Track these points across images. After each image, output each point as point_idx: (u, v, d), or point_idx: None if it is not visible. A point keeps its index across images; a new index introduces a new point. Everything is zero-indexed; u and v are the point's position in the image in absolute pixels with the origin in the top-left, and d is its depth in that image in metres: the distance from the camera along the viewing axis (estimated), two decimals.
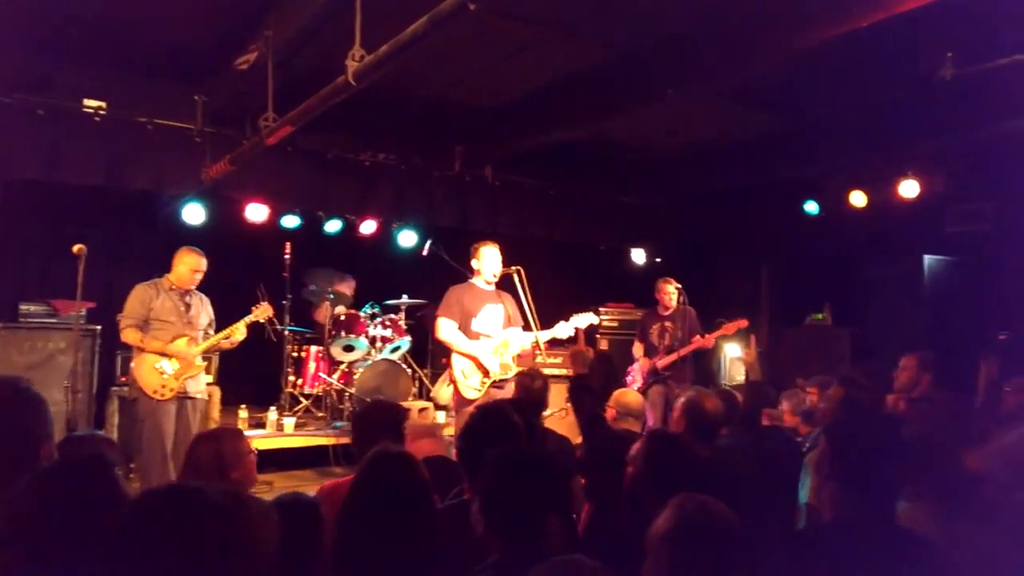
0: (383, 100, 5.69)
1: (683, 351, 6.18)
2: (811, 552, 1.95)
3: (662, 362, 6.27)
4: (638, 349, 6.57)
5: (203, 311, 5.03)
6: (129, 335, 4.73)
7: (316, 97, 3.87)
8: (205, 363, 5.02)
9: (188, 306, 4.92)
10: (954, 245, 6.73)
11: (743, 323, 6.33)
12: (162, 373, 4.71)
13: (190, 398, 4.85)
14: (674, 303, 6.34)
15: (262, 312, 5.23)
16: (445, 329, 4.90)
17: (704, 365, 7.96)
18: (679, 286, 6.42)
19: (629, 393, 4.36)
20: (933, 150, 6.30)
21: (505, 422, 2.64)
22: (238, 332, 4.97)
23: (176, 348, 4.75)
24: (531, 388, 3.92)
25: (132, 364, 4.80)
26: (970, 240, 6.61)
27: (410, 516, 1.81)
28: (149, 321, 4.75)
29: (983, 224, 6.54)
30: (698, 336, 6.19)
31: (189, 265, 4.86)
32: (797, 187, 7.36)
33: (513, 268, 4.94)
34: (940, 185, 6.59)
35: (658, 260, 8.29)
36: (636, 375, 6.50)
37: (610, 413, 4.06)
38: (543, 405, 3.99)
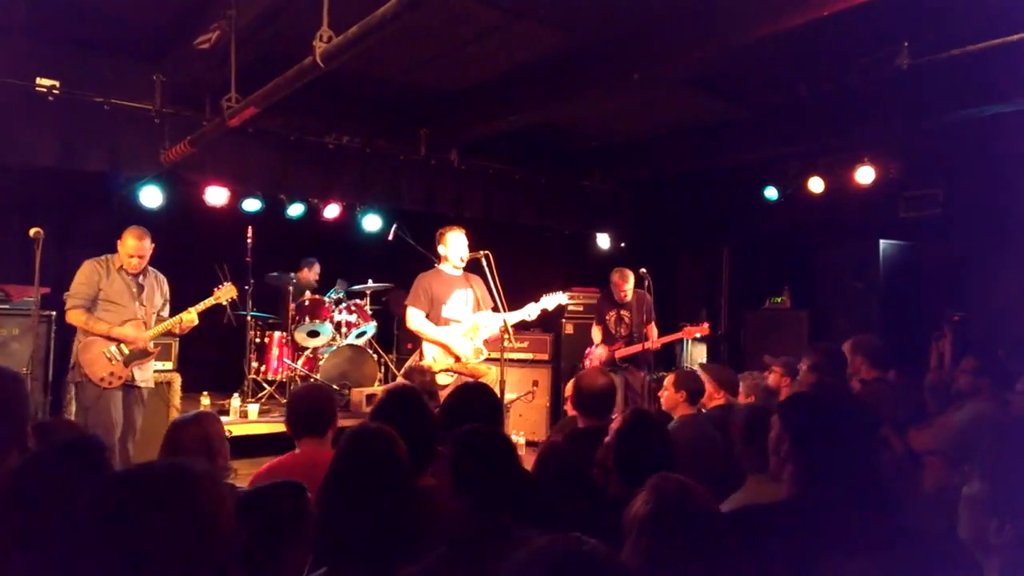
0: (347, 82, 5.63)
1: (637, 348, 6.33)
2: (768, 529, 1.98)
3: (620, 353, 6.41)
4: (597, 333, 6.70)
5: (157, 292, 4.78)
6: (74, 316, 4.47)
7: (282, 78, 3.80)
8: (156, 349, 4.77)
9: (141, 287, 4.67)
10: (908, 230, 6.94)
11: (704, 330, 6.41)
12: (111, 360, 4.46)
13: (136, 387, 4.62)
14: (629, 296, 6.45)
15: (225, 293, 4.97)
16: (414, 318, 4.92)
17: (666, 347, 8.09)
18: (644, 271, 6.52)
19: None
20: (888, 137, 6.48)
21: (413, 401, 2.69)
22: (187, 317, 4.69)
23: (123, 332, 4.51)
24: (420, 382, 3.95)
25: (78, 347, 4.52)
26: (923, 225, 6.82)
27: (390, 491, 1.82)
28: (98, 301, 4.52)
29: (935, 209, 6.75)
30: (651, 334, 6.32)
31: (126, 249, 4.58)
32: (756, 173, 7.51)
33: (482, 252, 4.96)
34: (894, 171, 6.79)
35: (622, 245, 8.38)
36: (595, 360, 6.59)
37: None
38: (434, 396, 4.00)
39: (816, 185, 7.13)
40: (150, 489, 1.13)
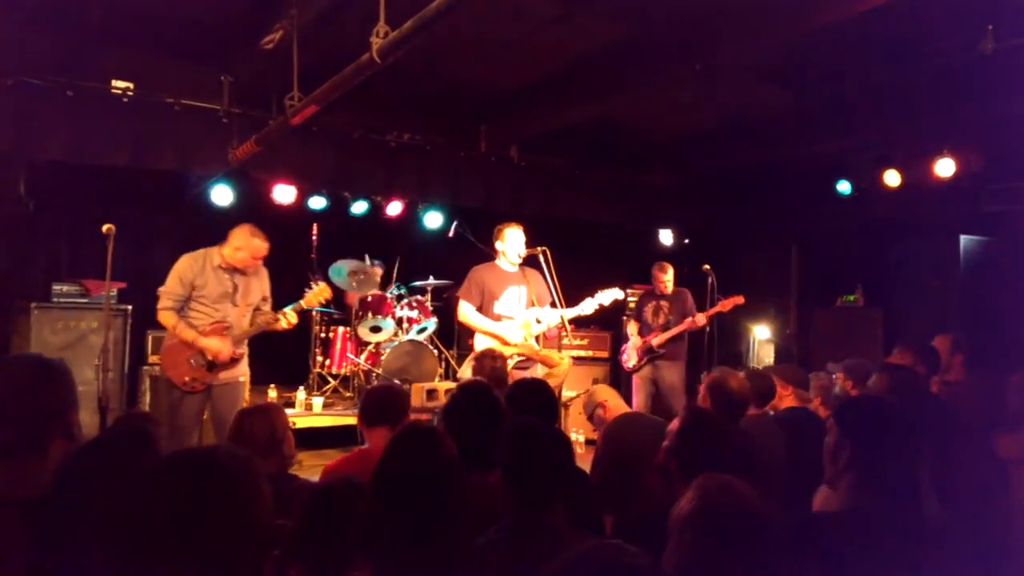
0: (408, 80, 5.67)
1: (675, 330, 6.36)
2: (827, 540, 1.89)
3: (657, 340, 6.43)
4: (633, 327, 6.76)
5: (256, 287, 4.59)
6: (164, 317, 4.34)
7: (340, 76, 3.84)
8: (243, 353, 4.56)
9: (236, 287, 4.48)
10: (991, 224, 6.57)
11: (739, 300, 6.37)
12: (195, 366, 4.35)
13: (223, 385, 4.47)
14: (670, 289, 6.53)
15: (317, 294, 4.74)
16: (464, 311, 4.94)
17: (732, 347, 7.89)
18: (707, 267, 6.46)
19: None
20: (970, 127, 6.13)
21: (487, 398, 2.66)
22: (284, 320, 4.50)
23: (208, 345, 4.34)
24: (491, 368, 3.87)
25: (164, 346, 4.46)
26: (1008, 219, 6.44)
27: (439, 490, 1.80)
28: (191, 299, 4.37)
29: (1021, 203, 6.37)
30: (690, 318, 6.28)
31: (248, 250, 4.41)
32: (828, 166, 7.23)
33: (539, 248, 4.92)
34: (977, 163, 6.43)
35: (686, 241, 8.20)
36: (631, 353, 6.66)
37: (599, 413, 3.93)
38: (504, 383, 3.87)
39: (892, 178, 6.82)
40: (180, 478, 1.13)
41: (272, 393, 6.55)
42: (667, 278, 6.52)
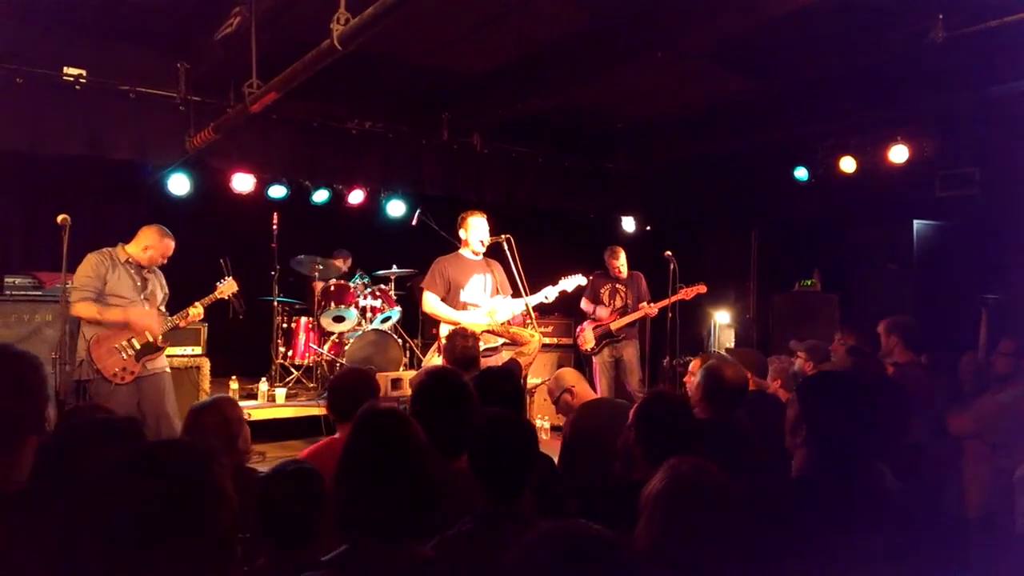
0: (369, 67, 5.61)
1: (632, 317, 6.50)
2: (780, 508, 1.95)
3: (616, 324, 6.55)
4: (588, 306, 6.85)
5: (159, 288, 4.71)
6: (83, 308, 4.31)
7: (301, 62, 3.79)
8: (166, 344, 4.67)
9: (145, 281, 4.56)
10: (943, 209, 6.75)
11: (701, 288, 6.45)
12: (124, 355, 4.35)
13: (149, 376, 4.50)
14: (625, 272, 6.67)
15: (226, 288, 4.90)
16: (430, 301, 4.93)
17: (693, 332, 8.00)
18: (669, 254, 6.53)
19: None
20: (923, 114, 6.30)
21: (454, 384, 2.66)
22: (193, 311, 4.66)
23: (139, 316, 4.38)
24: (461, 347, 3.86)
25: (89, 342, 4.34)
26: (959, 204, 6.63)
27: (402, 471, 1.80)
28: (103, 295, 4.38)
29: (972, 188, 6.55)
30: (644, 304, 6.37)
31: (159, 250, 4.54)
32: (787, 153, 7.36)
33: (503, 236, 4.92)
34: (930, 150, 6.61)
35: (648, 228, 8.28)
36: (588, 335, 6.73)
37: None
38: (475, 362, 3.89)
39: (848, 165, 6.98)
40: (136, 479, 1.12)
41: (234, 385, 6.45)
42: (620, 263, 6.67)
